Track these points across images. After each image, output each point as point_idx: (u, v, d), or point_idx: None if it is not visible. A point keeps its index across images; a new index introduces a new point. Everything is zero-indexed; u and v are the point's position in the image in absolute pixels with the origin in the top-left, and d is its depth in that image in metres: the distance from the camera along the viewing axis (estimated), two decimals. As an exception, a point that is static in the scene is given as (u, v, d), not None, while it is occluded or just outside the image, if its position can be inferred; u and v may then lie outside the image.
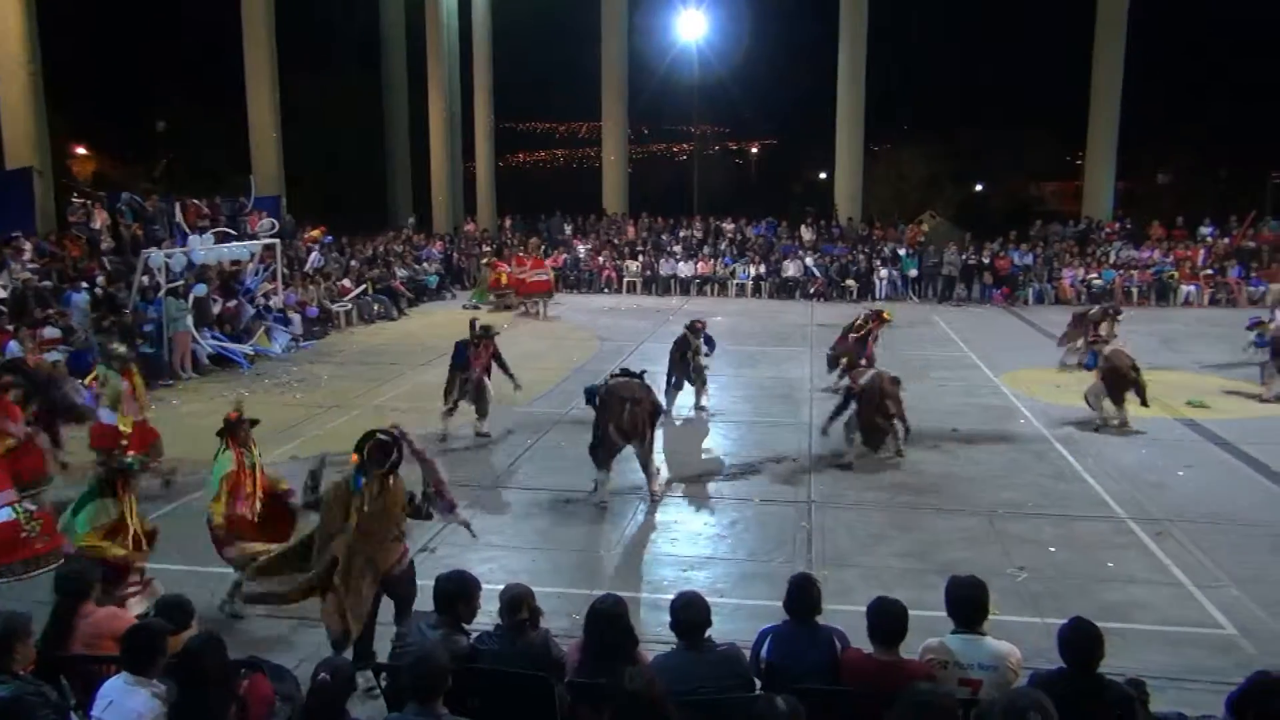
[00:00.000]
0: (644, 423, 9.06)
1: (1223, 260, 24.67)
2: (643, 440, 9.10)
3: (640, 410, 9.03)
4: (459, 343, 11.47)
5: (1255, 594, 7.05)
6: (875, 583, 6.88)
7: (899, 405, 10.48)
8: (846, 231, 27.53)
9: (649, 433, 9.17)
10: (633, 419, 8.97)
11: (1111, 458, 10.62)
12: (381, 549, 5.69)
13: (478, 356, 11.35)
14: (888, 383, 10.45)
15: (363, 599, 5.57)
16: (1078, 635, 3.95)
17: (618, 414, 8.96)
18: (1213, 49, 33.43)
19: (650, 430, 9.19)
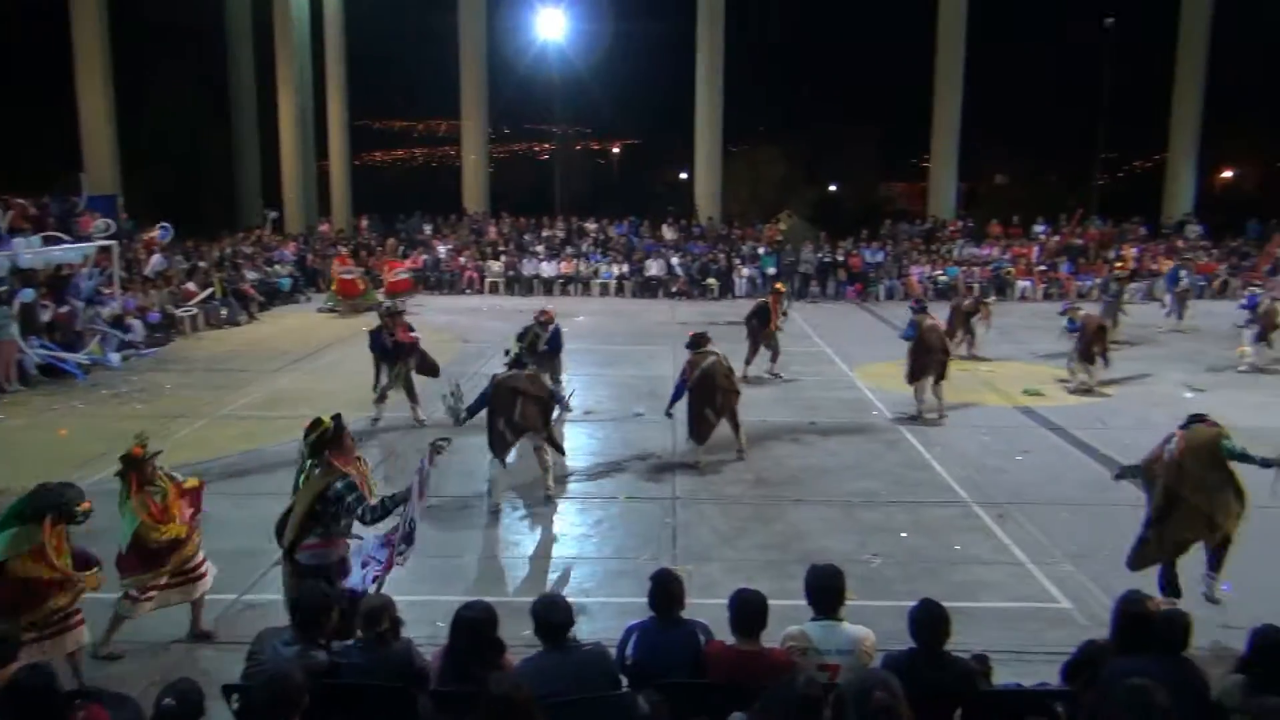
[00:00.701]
0: (536, 416, 8.92)
1: (1054, 257, 26.33)
2: (538, 433, 8.99)
3: (533, 407, 8.89)
4: (371, 332, 11.61)
5: (1086, 569, 7.54)
6: (738, 575, 7.01)
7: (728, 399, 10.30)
8: (707, 231, 28.04)
9: (547, 428, 9.10)
10: (524, 414, 8.83)
11: (957, 446, 11.16)
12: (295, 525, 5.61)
13: (399, 336, 11.31)
14: (722, 375, 10.29)
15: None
16: (926, 616, 4.14)
17: (508, 408, 8.82)
18: (1042, 58, 35.64)
19: (545, 423, 9.08)
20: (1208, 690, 4.13)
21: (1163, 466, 6.68)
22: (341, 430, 5.75)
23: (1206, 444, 6.59)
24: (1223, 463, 6.55)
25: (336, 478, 5.56)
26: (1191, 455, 6.58)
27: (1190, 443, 6.62)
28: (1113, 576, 6.86)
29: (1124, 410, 12.91)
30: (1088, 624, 6.40)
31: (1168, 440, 6.77)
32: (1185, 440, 6.65)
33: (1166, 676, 3.77)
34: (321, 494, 5.56)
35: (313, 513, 5.58)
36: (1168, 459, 6.65)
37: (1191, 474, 6.53)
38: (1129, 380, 14.66)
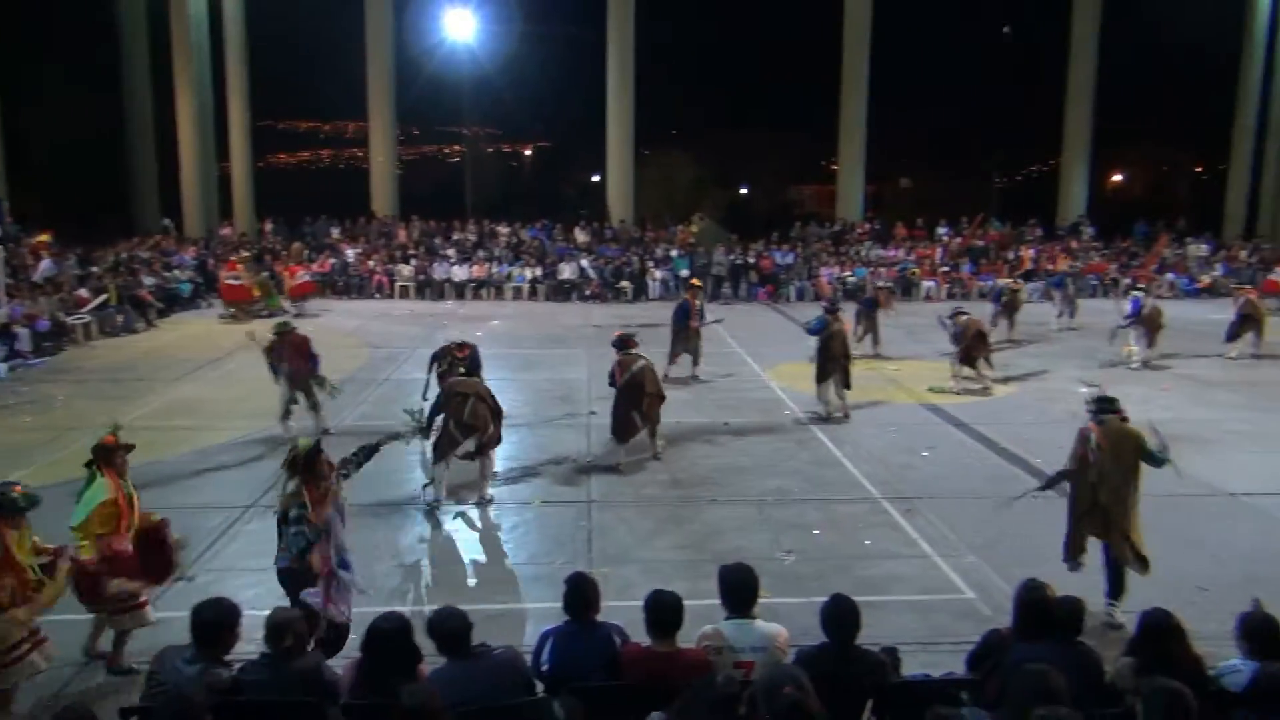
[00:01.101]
0: (487, 418, 9.08)
1: (957, 257, 27.14)
2: (484, 434, 9.09)
3: (483, 406, 9.05)
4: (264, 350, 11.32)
5: (990, 560, 7.78)
6: (654, 576, 7.03)
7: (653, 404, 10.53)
8: (620, 233, 28.12)
9: (494, 428, 9.22)
10: (474, 413, 8.98)
11: (866, 443, 11.40)
12: None
13: (286, 356, 11.07)
14: (650, 380, 10.55)
15: None
16: (836, 611, 4.22)
17: (459, 410, 8.96)
18: (945, 65, 36.69)
19: (496, 426, 9.25)
20: (1102, 672, 4.31)
21: (1086, 465, 6.78)
22: (315, 456, 5.81)
23: (1126, 442, 6.68)
24: (1137, 464, 6.68)
25: (295, 505, 5.69)
26: (1111, 454, 6.66)
27: (1110, 439, 6.69)
28: (1014, 567, 7.10)
29: (1023, 406, 13.39)
30: (991, 613, 6.60)
31: (1085, 439, 6.83)
32: (1105, 437, 6.71)
33: (1064, 661, 3.93)
34: (285, 513, 5.73)
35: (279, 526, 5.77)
36: (1093, 460, 6.72)
37: (1110, 477, 6.65)
38: (1027, 377, 15.19)
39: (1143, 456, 6.66)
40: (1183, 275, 26.55)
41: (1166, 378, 15.17)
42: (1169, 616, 4.24)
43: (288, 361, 11.15)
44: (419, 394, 10.74)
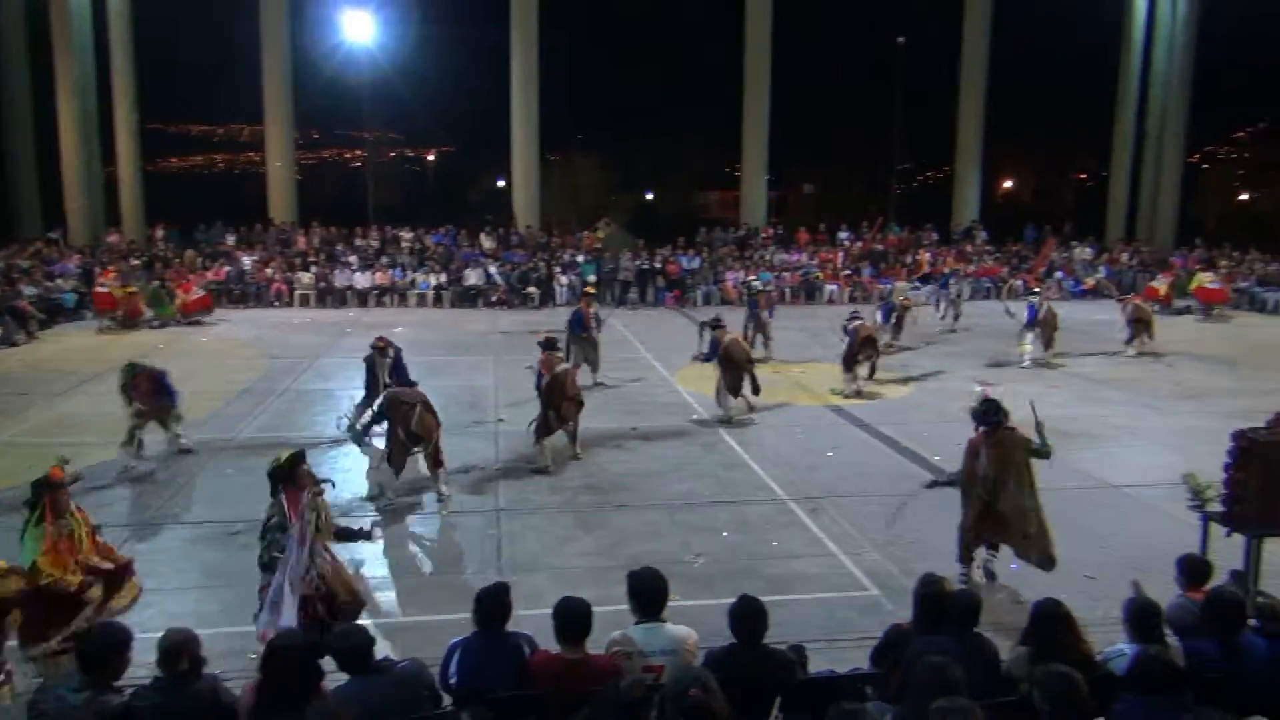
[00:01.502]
0: (433, 427, 9.19)
1: (858, 262, 27.80)
2: (429, 442, 9.19)
3: (429, 415, 9.19)
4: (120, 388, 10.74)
5: (892, 556, 7.98)
6: (564, 584, 7.00)
7: (570, 408, 10.75)
8: (526, 239, 27.96)
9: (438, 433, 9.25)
10: (422, 421, 9.07)
11: (773, 445, 11.58)
12: None
13: (139, 396, 10.49)
14: (570, 384, 10.79)
15: None
16: (744, 611, 4.27)
17: (406, 418, 9.04)
18: (843, 74, 37.63)
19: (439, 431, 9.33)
20: (998, 662, 4.45)
21: (978, 480, 6.95)
22: (295, 465, 5.88)
23: (1015, 449, 6.92)
24: (1029, 465, 6.91)
25: (275, 514, 5.77)
26: (1000, 464, 6.86)
27: (999, 450, 6.89)
28: (915, 562, 7.29)
29: (922, 405, 13.78)
30: (894, 608, 6.75)
31: (975, 455, 7.00)
32: (994, 448, 6.90)
33: (962, 652, 4.05)
34: (264, 523, 5.80)
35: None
36: (981, 474, 6.90)
37: (1005, 486, 6.85)
38: (925, 377, 15.64)
39: (1030, 454, 6.93)
40: (1069, 277, 27.70)
41: (1058, 376, 15.80)
42: (1059, 605, 4.41)
43: (141, 400, 10.49)
44: (325, 404, 10.51)
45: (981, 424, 7.07)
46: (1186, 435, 11.73)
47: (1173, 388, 14.95)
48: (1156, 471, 9.98)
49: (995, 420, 7.02)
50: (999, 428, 7.00)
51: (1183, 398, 14.23)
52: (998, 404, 7.16)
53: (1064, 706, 3.55)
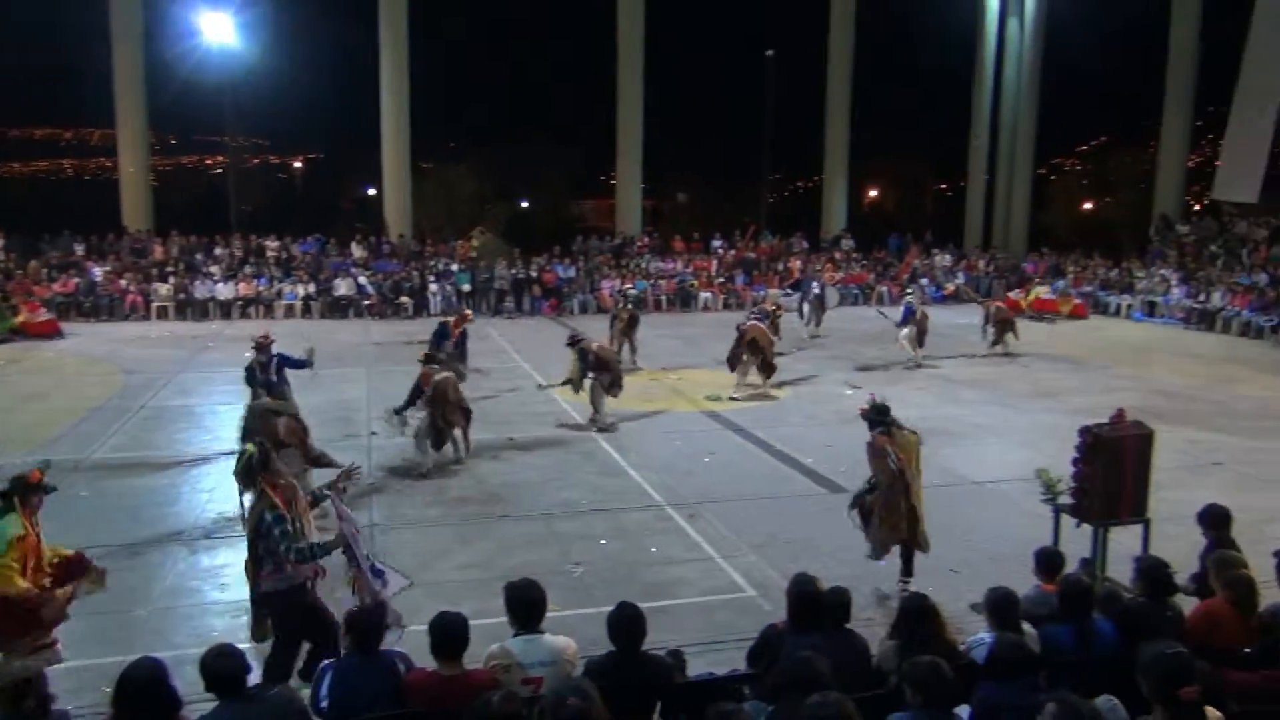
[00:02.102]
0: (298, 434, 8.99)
1: (731, 270, 28.32)
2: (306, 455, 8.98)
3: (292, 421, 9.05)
4: None
5: (768, 557, 8.14)
6: (441, 598, 6.85)
7: (460, 414, 10.78)
8: (398, 248, 27.41)
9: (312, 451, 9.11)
10: (289, 431, 8.88)
11: (650, 451, 11.66)
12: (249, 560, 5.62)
13: None
14: (452, 390, 10.74)
15: None
16: (622, 618, 4.27)
17: (270, 431, 8.62)
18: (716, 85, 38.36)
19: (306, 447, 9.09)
20: (869, 656, 4.59)
21: (890, 478, 7.05)
22: (267, 454, 5.75)
23: (911, 446, 7.15)
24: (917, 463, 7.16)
25: (266, 507, 5.51)
26: (906, 461, 7.04)
27: (905, 451, 7.08)
28: (790, 562, 7.43)
29: (795, 409, 14.11)
30: (771, 609, 6.87)
31: (884, 453, 7.08)
32: (901, 449, 7.07)
33: (833, 648, 4.16)
34: (256, 526, 5.52)
35: (252, 544, 5.53)
36: (896, 469, 7.01)
37: (911, 483, 7.03)
38: (798, 381, 16.03)
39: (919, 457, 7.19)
40: (931, 283, 28.89)
41: (921, 378, 16.44)
42: (924, 599, 4.59)
43: None
44: (186, 421, 10.05)
45: (876, 426, 7.21)
46: (1040, 432, 12.38)
47: (1027, 387, 15.76)
48: (1013, 467, 10.48)
49: (888, 421, 7.22)
50: (892, 427, 7.20)
51: (1036, 396, 15.02)
52: (886, 406, 7.36)
53: (930, 695, 3.69)
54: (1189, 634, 4.72)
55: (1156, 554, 5.97)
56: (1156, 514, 7.05)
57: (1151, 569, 5.04)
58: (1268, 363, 18.58)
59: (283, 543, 5.40)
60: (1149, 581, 4.99)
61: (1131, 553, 6.47)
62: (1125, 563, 5.83)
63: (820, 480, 10.45)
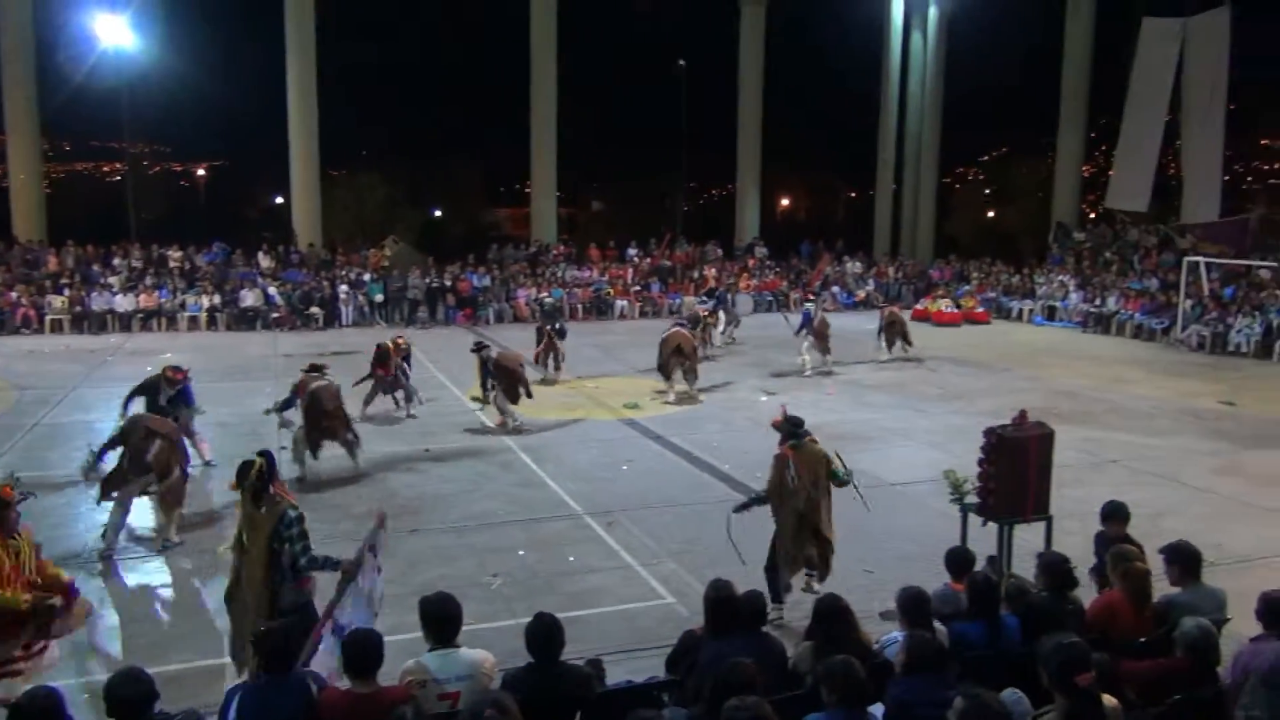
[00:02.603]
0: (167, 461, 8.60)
1: (647, 278, 28.46)
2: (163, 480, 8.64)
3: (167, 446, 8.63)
4: None
5: (686, 563, 8.18)
6: (355, 615, 6.72)
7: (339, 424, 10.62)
8: (308, 257, 26.80)
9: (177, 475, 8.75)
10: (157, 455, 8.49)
11: (568, 460, 11.62)
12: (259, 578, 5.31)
13: None
14: (329, 398, 10.58)
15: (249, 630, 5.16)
16: (539, 629, 4.24)
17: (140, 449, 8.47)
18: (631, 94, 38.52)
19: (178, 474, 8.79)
20: (786, 658, 4.65)
21: (789, 493, 6.87)
22: (274, 462, 5.60)
23: (819, 464, 6.97)
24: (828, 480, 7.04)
25: (287, 506, 5.41)
26: (809, 478, 6.91)
27: (807, 464, 6.94)
28: (709, 568, 7.49)
29: (711, 415, 14.24)
30: (690, 615, 6.91)
31: (785, 465, 6.91)
32: (802, 463, 6.90)
33: (751, 651, 4.20)
34: (275, 530, 5.30)
35: (273, 554, 5.29)
36: (793, 485, 6.84)
37: (811, 497, 6.89)
38: (714, 388, 16.17)
39: (829, 476, 7.03)
40: (842, 290, 29.51)
41: (832, 383, 16.75)
42: (838, 600, 4.67)
43: None
44: (80, 438, 9.66)
45: (788, 439, 7.10)
46: (947, 434, 12.73)
47: (934, 390, 16.19)
48: (922, 469, 10.75)
49: (801, 434, 7.11)
50: (804, 442, 7.09)
51: (943, 399, 15.44)
52: (800, 420, 7.26)
53: (844, 694, 3.75)
54: (1088, 626, 4.91)
55: (1058, 550, 6.21)
56: (1058, 511, 7.30)
57: (1052, 564, 5.23)
58: (1159, 364, 19.46)
59: (299, 543, 5.31)
60: (1050, 576, 5.17)
61: (1036, 549, 6.71)
62: (1031, 559, 6.02)
63: (737, 486, 10.53)
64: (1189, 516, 9.26)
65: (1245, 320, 20.71)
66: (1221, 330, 20.96)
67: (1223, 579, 6.02)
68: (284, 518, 5.33)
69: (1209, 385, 16.82)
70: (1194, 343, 21.30)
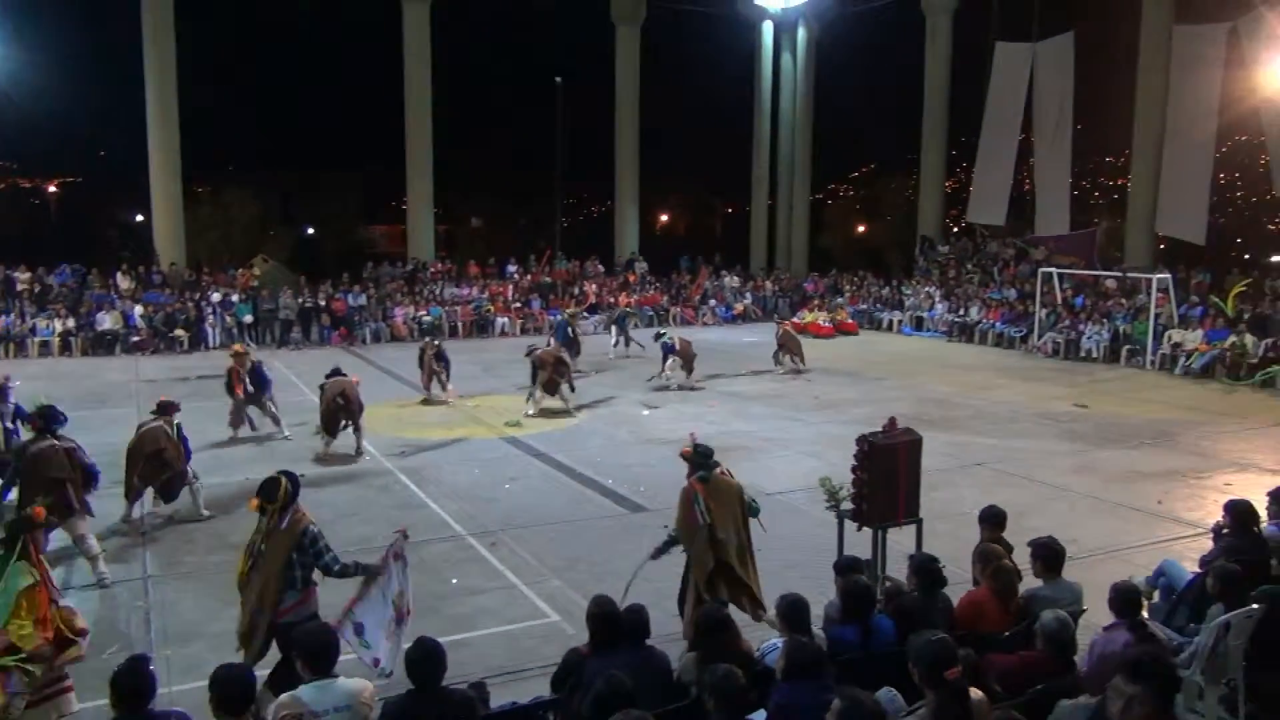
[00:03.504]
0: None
1: (527, 294, 28.32)
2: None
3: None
4: None
5: (570, 580, 8.15)
6: (227, 650, 6.41)
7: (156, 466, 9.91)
8: (170, 278, 25.64)
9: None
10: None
11: (449, 481, 11.44)
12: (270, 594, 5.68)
13: None
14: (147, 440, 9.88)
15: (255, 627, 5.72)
16: (419, 655, 4.16)
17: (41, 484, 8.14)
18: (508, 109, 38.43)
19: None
20: (670, 670, 4.68)
21: (699, 531, 6.40)
22: (297, 482, 5.98)
23: (731, 494, 6.58)
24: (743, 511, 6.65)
25: (308, 523, 5.83)
26: (719, 513, 6.43)
27: (719, 499, 6.48)
28: (594, 585, 7.48)
29: (594, 432, 14.25)
30: (575, 633, 6.88)
31: (693, 500, 6.47)
32: (710, 497, 6.45)
33: (634, 666, 4.22)
34: (298, 543, 5.72)
35: (289, 564, 5.70)
36: (703, 522, 6.38)
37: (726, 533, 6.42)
38: (595, 404, 16.20)
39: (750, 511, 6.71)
40: (721, 304, 30.01)
41: (713, 395, 17.00)
42: (720, 610, 4.74)
43: None
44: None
45: (697, 470, 6.59)
46: (824, 442, 13.07)
47: (811, 400, 16.62)
48: (801, 477, 11.02)
49: (711, 465, 6.62)
50: (714, 474, 6.58)
51: (819, 409, 15.86)
52: (710, 449, 6.81)
53: (726, 702, 3.81)
54: (957, 623, 5.12)
55: (929, 551, 6.45)
56: (928, 513, 7.57)
57: (922, 565, 5.43)
58: (1018, 370, 20.47)
59: (327, 554, 5.83)
60: (921, 577, 5.37)
61: (910, 551, 6.95)
62: (904, 561, 6.22)
63: (621, 501, 10.59)
64: (1048, 514, 9.75)
65: (1095, 327, 21.98)
66: (1074, 337, 22.19)
67: (1079, 572, 6.36)
68: (306, 533, 5.79)
69: (1064, 389, 17.79)
70: (1049, 349, 22.49)
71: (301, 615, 5.64)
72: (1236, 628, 5.23)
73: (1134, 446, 13.24)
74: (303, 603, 5.77)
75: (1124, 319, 21.90)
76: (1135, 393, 17.61)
